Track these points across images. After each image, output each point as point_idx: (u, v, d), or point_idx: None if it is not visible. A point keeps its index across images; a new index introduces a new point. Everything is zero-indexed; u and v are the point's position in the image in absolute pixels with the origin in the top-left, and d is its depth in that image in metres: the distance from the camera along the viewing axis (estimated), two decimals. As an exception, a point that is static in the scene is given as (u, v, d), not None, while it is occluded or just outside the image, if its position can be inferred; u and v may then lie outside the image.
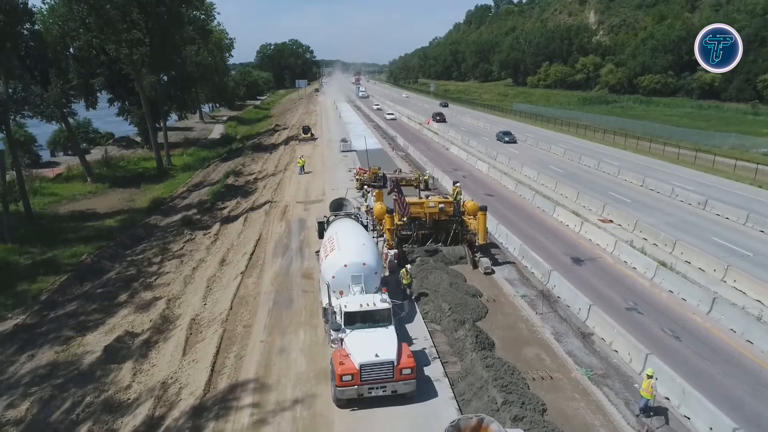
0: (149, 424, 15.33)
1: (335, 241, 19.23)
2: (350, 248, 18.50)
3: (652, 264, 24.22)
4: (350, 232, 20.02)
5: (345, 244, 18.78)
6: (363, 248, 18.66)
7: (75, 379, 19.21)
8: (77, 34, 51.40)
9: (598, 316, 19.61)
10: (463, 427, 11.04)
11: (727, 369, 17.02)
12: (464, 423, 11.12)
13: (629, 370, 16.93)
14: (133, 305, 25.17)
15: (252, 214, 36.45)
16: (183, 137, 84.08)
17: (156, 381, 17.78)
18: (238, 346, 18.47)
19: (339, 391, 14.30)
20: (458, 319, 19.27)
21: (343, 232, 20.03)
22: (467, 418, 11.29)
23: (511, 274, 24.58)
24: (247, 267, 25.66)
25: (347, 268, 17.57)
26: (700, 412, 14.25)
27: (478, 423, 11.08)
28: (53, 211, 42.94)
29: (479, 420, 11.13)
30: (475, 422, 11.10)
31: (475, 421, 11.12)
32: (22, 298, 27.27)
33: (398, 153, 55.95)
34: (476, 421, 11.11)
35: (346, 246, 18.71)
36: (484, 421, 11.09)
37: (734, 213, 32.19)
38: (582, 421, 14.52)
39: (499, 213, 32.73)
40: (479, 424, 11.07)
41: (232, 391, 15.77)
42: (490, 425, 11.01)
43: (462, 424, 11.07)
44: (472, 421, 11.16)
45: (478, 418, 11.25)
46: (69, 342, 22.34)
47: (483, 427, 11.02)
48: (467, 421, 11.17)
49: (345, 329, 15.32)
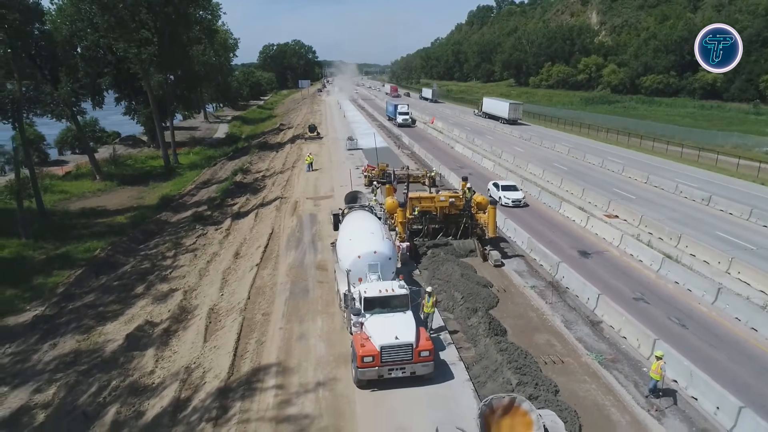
0: (176, 405, 15.91)
1: (351, 232, 19.87)
2: (366, 238, 19.13)
3: (658, 256, 24.78)
4: (366, 223, 20.63)
5: (361, 235, 19.41)
6: (378, 238, 19.30)
7: (99, 366, 19.79)
8: (85, 33, 52.06)
9: (606, 304, 20.19)
10: (496, 405, 11.47)
11: (733, 355, 17.59)
12: (497, 402, 11.54)
13: (638, 355, 17.51)
14: (150, 297, 25.76)
15: (262, 209, 37.04)
16: (189, 136, 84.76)
17: (179, 366, 18.36)
18: (258, 332, 19.05)
19: (360, 372, 14.88)
20: (471, 307, 19.85)
21: (358, 223, 20.67)
22: (500, 397, 11.70)
23: (520, 266, 25.17)
24: (261, 259, 26.24)
25: (364, 257, 18.18)
26: (707, 392, 14.84)
27: (510, 402, 11.53)
28: (64, 207, 43.59)
29: (511, 399, 11.58)
30: (507, 401, 11.54)
31: (507, 400, 11.56)
32: (39, 290, 27.85)
33: (404, 151, 56.55)
34: (508, 400, 11.56)
35: (362, 236, 19.34)
36: (516, 401, 11.53)
37: (738, 209, 32.76)
38: (593, 402, 15.09)
39: (505, 208, 33.30)
40: (511, 403, 11.52)
41: (256, 374, 16.35)
42: (522, 404, 11.46)
43: (495, 403, 11.50)
44: (504, 400, 11.59)
45: (510, 397, 11.69)
46: (90, 331, 22.93)
47: (515, 406, 11.46)
48: (500, 400, 11.59)
49: (365, 314, 15.90)
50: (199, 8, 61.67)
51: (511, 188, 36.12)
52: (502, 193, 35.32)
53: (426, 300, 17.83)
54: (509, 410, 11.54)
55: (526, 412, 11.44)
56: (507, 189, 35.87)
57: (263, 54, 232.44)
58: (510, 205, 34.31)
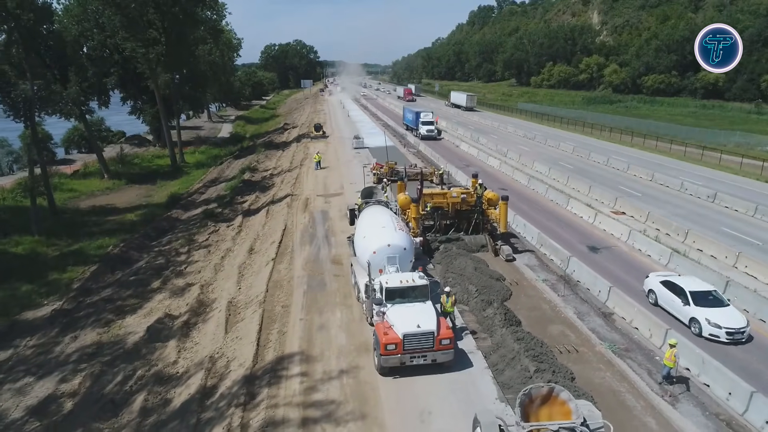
0: (203, 392, 16.39)
1: (369, 226, 20.37)
2: (384, 232, 19.61)
3: (666, 251, 25.26)
4: (383, 217, 21.10)
5: (379, 229, 19.89)
6: (395, 231, 19.78)
7: (122, 357, 20.27)
8: (91, 34, 52.57)
9: (617, 297, 20.68)
10: (535, 395, 11.69)
11: (743, 345, 18.04)
12: (536, 391, 11.76)
13: (650, 345, 17.99)
14: (167, 291, 26.23)
15: (273, 207, 37.51)
16: (195, 135, 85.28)
17: (202, 356, 18.84)
18: (279, 323, 19.52)
19: (383, 359, 15.35)
20: (485, 299, 20.32)
21: (376, 217, 21.15)
22: (538, 387, 11.93)
23: (531, 261, 25.64)
24: (277, 254, 26.71)
25: (382, 250, 18.67)
26: (719, 379, 15.32)
27: (549, 391, 11.75)
28: (74, 205, 44.08)
29: (550, 389, 11.81)
30: (546, 391, 11.78)
31: (546, 390, 11.79)
32: (54, 286, 28.31)
33: (410, 150, 57.04)
34: (547, 390, 11.79)
35: (380, 230, 19.84)
36: (555, 390, 11.76)
37: (743, 205, 33.24)
38: (609, 388, 15.58)
39: (514, 205, 33.55)
40: (550, 392, 11.74)
41: (280, 363, 16.83)
42: (560, 394, 11.67)
43: (533, 393, 11.71)
44: (543, 389, 11.82)
45: (549, 387, 11.91)
46: (110, 324, 23.40)
47: (553, 395, 11.69)
48: (538, 390, 11.81)
49: (386, 304, 16.38)
50: (206, 8, 62.16)
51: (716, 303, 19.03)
52: (703, 313, 18.51)
53: (445, 300, 17.90)
54: (548, 399, 11.71)
55: (565, 401, 11.60)
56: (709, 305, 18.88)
57: (265, 54, 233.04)
58: (723, 339, 18.08)
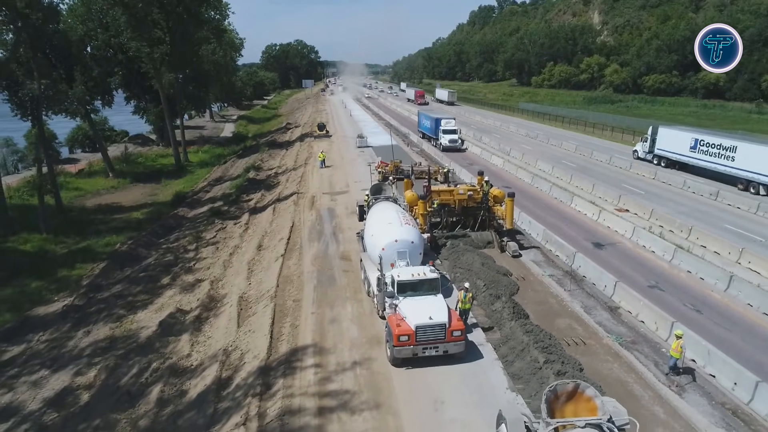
0: (219, 383, 16.72)
1: (379, 222, 20.72)
2: (393, 227, 19.99)
3: (670, 247, 25.58)
4: (392, 213, 21.44)
5: (388, 224, 20.26)
6: (405, 227, 20.16)
7: (135, 350, 20.61)
8: (95, 33, 52.89)
9: (623, 291, 21.00)
10: (560, 391, 11.76)
11: (747, 337, 18.40)
12: (561, 387, 11.83)
13: (656, 338, 18.32)
14: (177, 287, 26.56)
15: (279, 204, 37.85)
16: (198, 135, 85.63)
17: (216, 349, 19.17)
18: (291, 317, 19.85)
19: (396, 351, 15.68)
20: (494, 294, 20.65)
21: (384, 213, 21.49)
22: (564, 383, 11.99)
23: (537, 257, 25.97)
24: (285, 250, 27.04)
25: (390, 246, 19.03)
26: (724, 369, 15.66)
27: (574, 388, 11.81)
28: (80, 204, 44.38)
29: (575, 385, 11.86)
30: (571, 387, 11.84)
31: (571, 386, 11.85)
32: (64, 283, 28.62)
33: (413, 149, 57.37)
34: (573, 386, 11.85)
35: (387, 226, 20.21)
36: (580, 387, 11.82)
37: (745, 203, 33.58)
38: (617, 379, 15.92)
39: (518, 203, 33.56)
40: (575, 389, 11.80)
41: (294, 354, 17.16)
42: (586, 390, 11.75)
43: (559, 389, 11.78)
44: (568, 386, 11.88)
45: (575, 383, 11.95)
46: (121, 319, 23.75)
47: (579, 392, 11.76)
48: (564, 386, 11.86)
49: (398, 297, 16.71)
50: (210, 8, 62.46)
51: None
52: None
53: (462, 296, 17.89)
54: (573, 396, 11.76)
55: (590, 397, 11.65)
56: None
57: (266, 54, 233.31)
58: None
